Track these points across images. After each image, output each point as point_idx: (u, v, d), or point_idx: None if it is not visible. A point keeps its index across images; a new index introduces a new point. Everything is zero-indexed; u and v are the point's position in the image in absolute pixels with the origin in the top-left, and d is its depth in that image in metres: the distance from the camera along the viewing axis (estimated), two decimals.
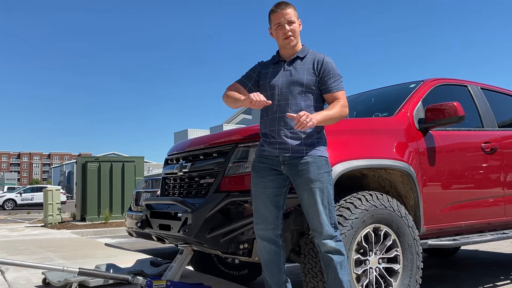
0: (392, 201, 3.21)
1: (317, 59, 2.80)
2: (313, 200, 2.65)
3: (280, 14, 2.78)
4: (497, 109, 4.51)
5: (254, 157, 2.89)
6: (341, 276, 2.67)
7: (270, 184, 2.74)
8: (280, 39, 2.83)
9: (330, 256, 2.66)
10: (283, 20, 2.78)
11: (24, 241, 8.55)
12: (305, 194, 2.67)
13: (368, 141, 3.33)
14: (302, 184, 2.68)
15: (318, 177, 2.65)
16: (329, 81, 2.77)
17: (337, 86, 2.78)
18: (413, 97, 3.88)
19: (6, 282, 4.42)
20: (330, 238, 2.66)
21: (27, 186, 38.49)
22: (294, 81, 2.76)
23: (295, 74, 2.78)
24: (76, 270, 3.59)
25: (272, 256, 2.79)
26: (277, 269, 2.80)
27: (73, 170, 73.02)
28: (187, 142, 3.85)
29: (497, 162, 4.19)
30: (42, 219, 13.68)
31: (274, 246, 2.77)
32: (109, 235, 10.55)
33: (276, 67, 2.87)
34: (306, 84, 2.75)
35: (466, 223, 3.89)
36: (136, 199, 6.53)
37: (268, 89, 2.81)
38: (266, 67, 2.92)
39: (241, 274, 4.57)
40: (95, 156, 16.12)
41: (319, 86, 2.79)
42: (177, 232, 3.18)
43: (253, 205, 2.79)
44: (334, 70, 2.79)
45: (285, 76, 2.80)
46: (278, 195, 2.75)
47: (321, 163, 2.69)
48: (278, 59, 2.90)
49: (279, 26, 2.80)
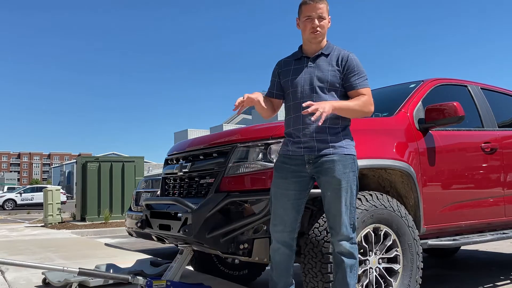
0: (392, 201, 3.21)
1: (341, 56, 2.72)
2: (336, 199, 2.59)
3: (313, 6, 2.68)
4: (497, 109, 4.52)
5: (276, 156, 2.84)
6: (349, 279, 2.63)
7: (292, 186, 2.66)
8: (307, 32, 2.71)
9: (342, 258, 2.62)
10: (314, 14, 2.68)
11: (24, 241, 8.55)
12: (329, 193, 2.61)
13: (368, 141, 3.32)
14: (327, 182, 2.62)
15: (343, 176, 2.59)
16: (353, 78, 2.69)
17: (362, 83, 2.70)
18: (413, 97, 3.88)
19: (6, 282, 4.42)
20: (347, 239, 2.61)
21: (27, 186, 38.48)
22: (318, 78, 2.68)
23: (318, 71, 2.69)
24: (76, 270, 3.59)
25: (283, 259, 2.72)
26: (286, 272, 2.75)
27: (73, 170, 73.03)
28: (187, 142, 3.85)
29: (497, 162, 4.19)
30: (42, 219, 13.68)
31: (288, 249, 2.71)
32: (109, 235, 10.55)
33: (299, 63, 2.78)
34: (330, 81, 2.67)
35: (466, 223, 3.89)
36: (136, 199, 6.53)
37: (290, 86, 2.73)
38: (286, 64, 2.83)
39: (241, 274, 4.56)
40: (95, 156, 16.11)
41: (343, 84, 2.70)
42: (177, 232, 3.18)
43: (272, 206, 2.72)
44: (358, 67, 2.71)
45: (308, 73, 2.71)
46: (300, 199, 2.68)
47: (347, 162, 2.62)
48: (300, 55, 2.80)
49: (309, 19, 2.69)
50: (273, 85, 2.87)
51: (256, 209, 2.97)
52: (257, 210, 2.96)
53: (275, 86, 2.86)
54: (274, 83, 2.87)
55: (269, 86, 2.91)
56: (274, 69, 2.90)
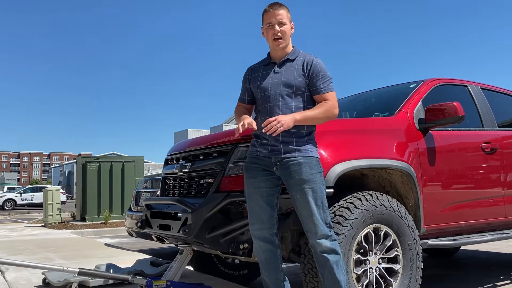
0: (392, 201, 3.21)
1: (306, 61, 2.79)
2: (306, 200, 2.64)
3: (272, 14, 2.78)
4: (497, 109, 4.51)
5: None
6: (338, 275, 2.66)
7: (263, 184, 2.74)
8: (269, 40, 2.82)
9: (325, 256, 2.65)
10: (274, 20, 2.77)
11: (24, 241, 8.55)
12: (298, 195, 2.67)
13: (368, 141, 3.32)
14: (295, 185, 2.67)
15: (310, 177, 2.65)
16: (318, 82, 2.75)
17: (326, 87, 2.76)
18: (413, 97, 3.88)
19: (6, 282, 4.42)
20: (325, 237, 2.65)
21: (27, 186, 38.49)
22: (284, 83, 2.75)
23: (285, 76, 2.77)
24: (76, 270, 3.59)
25: (268, 256, 2.79)
26: (274, 268, 2.80)
27: (73, 170, 73.05)
28: (187, 142, 3.85)
29: (497, 162, 4.19)
30: (42, 219, 13.68)
31: (270, 245, 2.77)
32: (109, 235, 10.55)
33: (267, 69, 2.87)
34: (296, 85, 2.74)
35: (466, 223, 3.89)
36: (136, 199, 6.53)
37: (259, 91, 2.82)
38: (256, 70, 2.92)
39: (241, 274, 4.57)
40: (95, 156, 16.10)
41: (309, 88, 2.78)
42: (177, 232, 3.18)
43: (247, 205, 2.80)
44: (323, 71, 2.78)
45: (275, 78, 2.79)
46: (272, 195, 2.76)
47: (313, 164, 2.69)
48: (268, 61, 2.89)
49: (270, 26, 2.79)
50: (244, 91, 2.95)
51: None
52: None
53: (246, 92, 2.94)
54: (245, 89, 2.95)
55: (240, 92, 2.99)
56: (244, 75, 2.98)
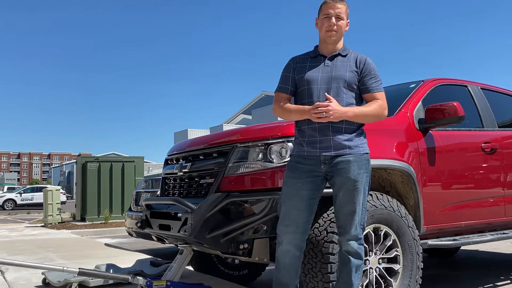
0: (392, 201, 3.21)
1: (359, 59, 2.73)
2: (350, 199, 2.58)
3: (331, 5, 2.70)
4: (497, 109, 4.52)
5: (289, 156, 2.84)
6: (353, 279, 2.62)
7: (306, 186, 2.63)
8: (323, 31, 2.72)
9: (349, 257, 2.61)
10: (332, 12, 2.69)
11: (24, 241, 8.54)
12: (341, 193, 2.61)
13: (368, 141, 3.31)
14: (341, 182, 2.60)
15: (357, 177, 2.59)
16: (370, 81, 2.69)
17: (378, 87, 2.71)
18: (413, 97, 3.88)
19: (6, 282, 4.42)
20: (356, 239, 2.61)
21: (27, 186, 38.48)
22: (336, 77, 2.66)
23: (336, 70, 2.68)
24: (76, 270, 3.59)
25: (293, 261, 2.68)
26: (295, 274, 2.71)
27: (73, 170, 72.98)
28: (187, 142, 3.85)
29: (497, 162, 4.19)
30: (42, 219, 13.67)
31: (298, 251, 2.67)
32: (109, 235, 10.55)
33: (315, 61, 2.76)
34: (348, 81, 2.66)
35: (466, 223, 3.89)
36: (136, 199, 6.53)
37: (305, 83, 2.70)
38: (302, 61, 2.79)
39: (241, 274, 4.56)
40: (95, 156, 16.11)
41: (359, 86, 2.71)
42: (177, 232, 3.18)
43: (284, 206, 2.65)
44: (375, 71, 2.73)
45: (325, 72, 2.69)
46: (313, 198, 2.65)
47: (362, 163, 2.62)
48: (317, 54, 2.78)
49: (326, 17, 2.70)
50: (287, 80, 2.79)
51: (256, 209, 2.97)
52: (257, 210, 2.96)
53: (290, 82, 2.78)
54: (288, 79, 2.79)
55: (280, 81, 2.83)
56: (288, 64, 2.84)
